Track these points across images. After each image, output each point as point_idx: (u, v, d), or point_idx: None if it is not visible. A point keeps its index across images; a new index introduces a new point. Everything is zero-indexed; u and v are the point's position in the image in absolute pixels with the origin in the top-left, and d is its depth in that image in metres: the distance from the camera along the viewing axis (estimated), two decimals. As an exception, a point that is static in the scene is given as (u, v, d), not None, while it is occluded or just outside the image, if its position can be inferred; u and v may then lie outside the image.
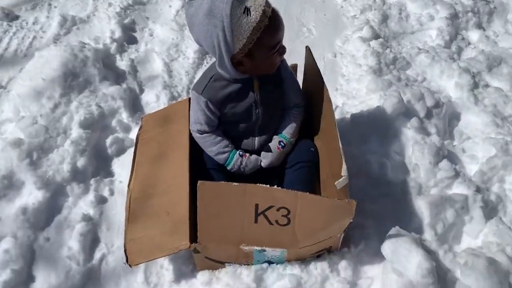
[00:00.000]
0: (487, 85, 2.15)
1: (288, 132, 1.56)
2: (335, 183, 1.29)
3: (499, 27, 2.52)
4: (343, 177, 1.27)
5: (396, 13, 2.55)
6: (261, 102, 1.49)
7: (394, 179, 1.69)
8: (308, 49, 1.65)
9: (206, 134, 1.53)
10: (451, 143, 1.88)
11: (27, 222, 1.56)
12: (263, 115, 1.51)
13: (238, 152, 1.54)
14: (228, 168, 1.55)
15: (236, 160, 1.53)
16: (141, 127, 1.72)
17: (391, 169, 1.72)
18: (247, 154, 1.56)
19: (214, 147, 1.53)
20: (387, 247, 1.37)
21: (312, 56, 1.61)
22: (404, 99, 1.88)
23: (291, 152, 1.58)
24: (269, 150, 1.55)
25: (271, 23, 1.28)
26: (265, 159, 1.56)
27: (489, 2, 2.60)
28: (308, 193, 1.29)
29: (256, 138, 1.57)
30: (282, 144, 1.54)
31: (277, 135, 1.57)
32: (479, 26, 2.50)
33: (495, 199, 1.67)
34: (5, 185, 1.64)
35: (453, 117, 1.98)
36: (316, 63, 1.58)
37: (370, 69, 2.16)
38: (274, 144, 1.55)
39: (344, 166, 1.28)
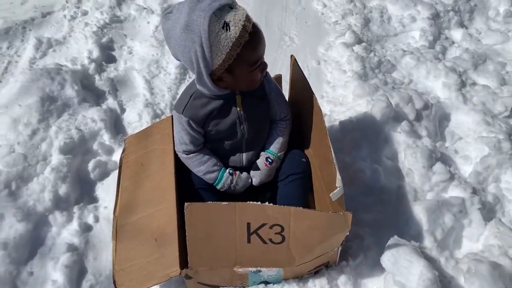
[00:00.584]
0: (474, 83, 2.13)
1: (275, 147, 1.50)
2: (330, 195, 1.24)
3: (481, 24, 2.52)
4: (338, 188, 1.22)
5: (378, 16, 2.53)
6: (246, 117, 1.43)
7: (388, 186, 1.65)
8: (293, 58, 1.60)
9: (192, 154, 1.47)
10: (443, 144, 1.85)
11: (8, 257, 1.49)
12: (249, 130, 1.46)
13: (228, 170, 1.49)
14: (218, 187, 1.49)
15: (226, 179, 1.48)
16: (124, 149, 1.65)
17: (384, 176, 1.68)
18: (237, 172, 1.51)
19: (202, 166, 1.47)
20: (387, 259, 1.32)
21: (298, 65, 1.57)
22: (392, 103, 1.85)
23: (282, 164, 1.53)
24: (257, 168, 1.50)
25: (252, 39, 1.22)
26: (255, 177, 1.51)
27: (468, 0, 2.60)
28: (301, 208, 1.23)
29: (244, 154, 1.51)
30: (270, 160, 1.49)
31: (264, 151, 1.52)
32: (461, 24, 2.50)
33: (492, 199, 1.63)
34: (-17, 219, 1.56)
35: (443, 118, 1.95)
36: (302, 72, 1.53)
37: (355, 75, 2.13)
38: (261, 161, 1.50)
39: (338, 177, 1.23)
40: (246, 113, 1.42)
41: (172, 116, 1.59)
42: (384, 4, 2.60)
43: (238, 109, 1.41)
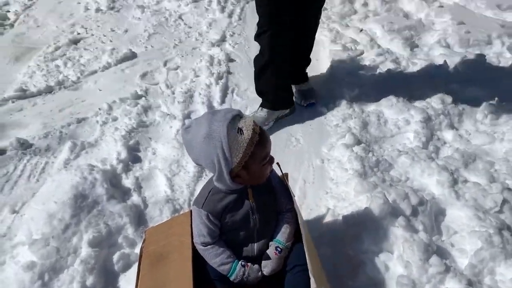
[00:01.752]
0: (465, 181, 2.31)
1: (283, 237, 1.67)
2: None
3: (470, 126, 2.76)
4: None
5: (375, 120, 2.81)
6: (257, 208, 1.63)
7: (388, 277, 1.77)
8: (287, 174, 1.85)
9: (209, 246, 1.64)
10: (439, 238, 1.99)
11: None
12: (260, 220, 1.65)
13: (240, 262, 1.64)
14: (231, 278, 1.63)
15: (239, 270, 1.62)
16: (144, 240, 1.83)
17: (384, 268, 1.81)
18: (249, 264, 1.65)
19: (217, 258, 1.63)
20: None
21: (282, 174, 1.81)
22: (390, 199, 2.04)
23: (289, 255, 1.68)
24: (267, 257, 1.65)
25: (261, 138, 1.50)
26: (266, 267, 1.65)
27: (457, 104, 2.88)
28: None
29: (255, 244, 1.68)
30: (279, 250, 1.65)
31: (272, 240, 1.68)
32: (452, 126, 2.75)
33: (488, 291, 1.74)
34: (17, 309, 1.71)
35: (439, 213, 2.10)
36: (284, 179, 1.77)
37: (355, 173, 2.35)
38: (271, 250, 1.66)
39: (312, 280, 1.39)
40: (257, 204, 1.63)
41: (190, 211, 1.79)
42: (380, 109, 2.89)
43: (250, 201, 1.62)
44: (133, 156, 2.65)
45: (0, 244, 2.05)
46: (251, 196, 1.63)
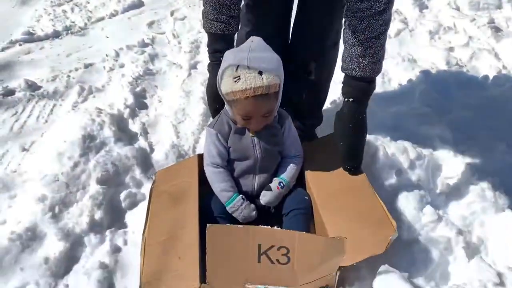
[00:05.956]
0: (469, 138, 2.36)
1: (287, 175, 1.76)
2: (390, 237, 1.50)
3: (475, 87, 2.79)
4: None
5: (379, 78, 2.82)
6: (259, 143, 1.71)
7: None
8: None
9: (219, 169, 1.73)
10: (434, 190, 2.06)
11: (49, 270, 1.70)
12: (262, 155, 1.72)
13: (241, 195, 1.73)
14: (228, 207, 1.71)
15: (237, 201, 1.71)
16: (154, 181, 1.91)
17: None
18: (248, 201, 1.74)
19: (222, 183, 1.72)
20: (377, 284, 1.51)
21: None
22: (389, 153, 2.09)
23: (286, 199, 1.76)
24: (269, 189, 1.74)
25: (246, 101, 1.54)
26: (265, 197, 1.73)
27: (462, 66, 2.89)
28: (305, 233, 1.45)
29: (256, 177, 1.76)
30: (282, 185, 1.73)
31: (276, 177, 1.76)
32: (458, 86, 2.76)
33: (477, 240, 1.82)
34: (29, 237, 1.78)
35: (436, 168, 2.16)
36: None
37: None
38: (274, 184, 1.74)
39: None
40: (258, 139, 1.71)
41: (197, 155, 1.88)
42: (385, 68, 2.86)
43: (251, 135, 1.70)
44: (140, 102, 2.69)
45: (11, 179, 2.12)
46: (252, 131, 1.70)
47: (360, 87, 1.69)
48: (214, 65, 1.75)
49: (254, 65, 1.51)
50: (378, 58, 1.63)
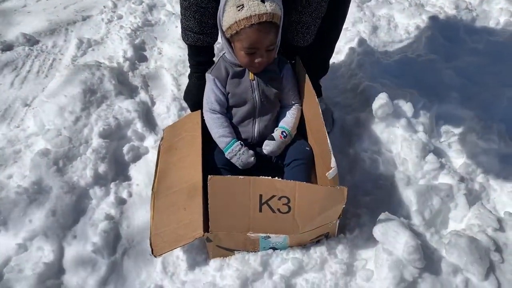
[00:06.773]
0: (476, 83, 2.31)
1: (288, 125, 1.75)
2: (326, 174, 1.47)
3: (483, 32, 2.70)
4: (333, 168, 1.45)
5: (385, 24, 2.74)
6: (257, 87, 1.70)
7: (384, 173, 1.86)
8: (298, 59, 1.85)
9: (217, 115, 1.73)
10: (438, 139, 2.04)
11: (56, 223, 1.74)
12: (261, 99, 1.71)
13: (239, 141, 1.73)
14: (226, 152, 1.72)
15: (235, 146, 1.71)
16: (162, 137, 1.92)
17: (382, 164, 1.89)
18: (246, 147, 1.74)
19: (221, 129, 1.72)
20: (377, 230, 1.53)
21: (301, 63, 1.81)
22: (392, 101, 2.06)
23: (287, 150, 1.76)
24: (272, 138, 1.74)
25: (252, 29, 1.50)
26: (268, 146, 1.74)
27: (471, 10, 2.78)
28: (305, 182, 1.46)
29: (256, 124, 1.76)
30: (284, 134, 1.74)
31: (278, 127, 1.76)
32: (465, 32, 2.67)
33: (478, 187, 1.82)
34: (36, 190, 1.82)
35: (440, 117, 2.14)
36: (305, 70, 1.76)
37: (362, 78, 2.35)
38: (277, 133, 1.75)
39: (332, 159, 1.45)
40: (257, 83, 1.69)
41: (200, 110, 1.86)
42: (391, 13, 2.81)
43: (250, 78, 1.68)
44: (139, 55, 2.64)
45: (14, 135, 2.13)
46: (251, 74, 1.70)
47: None
48: (198, 76, 1.85)
49: None
50: None
